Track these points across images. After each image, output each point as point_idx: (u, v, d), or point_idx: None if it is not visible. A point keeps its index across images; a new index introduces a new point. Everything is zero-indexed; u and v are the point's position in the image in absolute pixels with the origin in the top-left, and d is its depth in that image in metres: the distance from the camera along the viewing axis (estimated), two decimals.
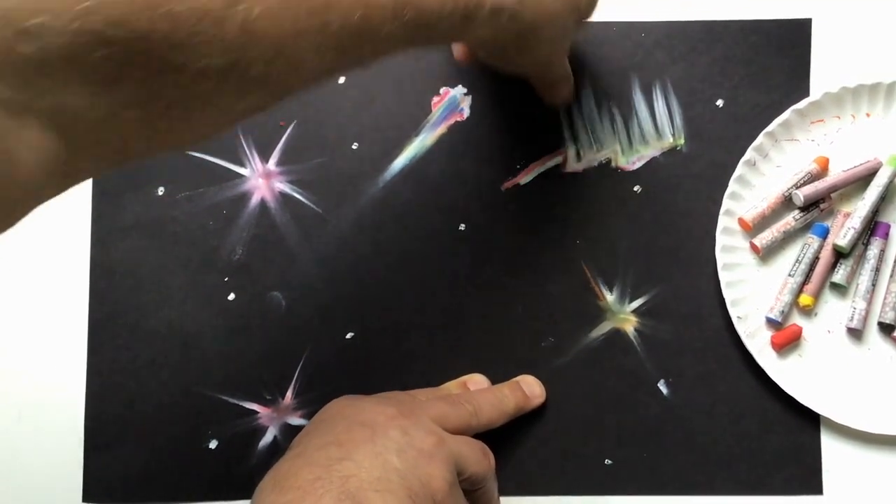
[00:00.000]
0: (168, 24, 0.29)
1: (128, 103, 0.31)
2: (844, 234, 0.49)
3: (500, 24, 0.40)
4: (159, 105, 0.31)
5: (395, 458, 0.40)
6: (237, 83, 0.32)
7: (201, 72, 0.31)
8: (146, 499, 0.51)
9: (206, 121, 0.34)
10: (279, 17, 0.32)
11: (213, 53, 0.31)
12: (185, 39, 0.30)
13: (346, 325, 0.52)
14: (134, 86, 0.30)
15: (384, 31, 0.35)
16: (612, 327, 0.51)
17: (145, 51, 0.29)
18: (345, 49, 0.35)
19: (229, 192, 0.52)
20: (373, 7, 0.35)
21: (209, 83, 0.31)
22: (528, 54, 0.44)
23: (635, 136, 0.52)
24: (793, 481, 0.50)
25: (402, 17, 0.36)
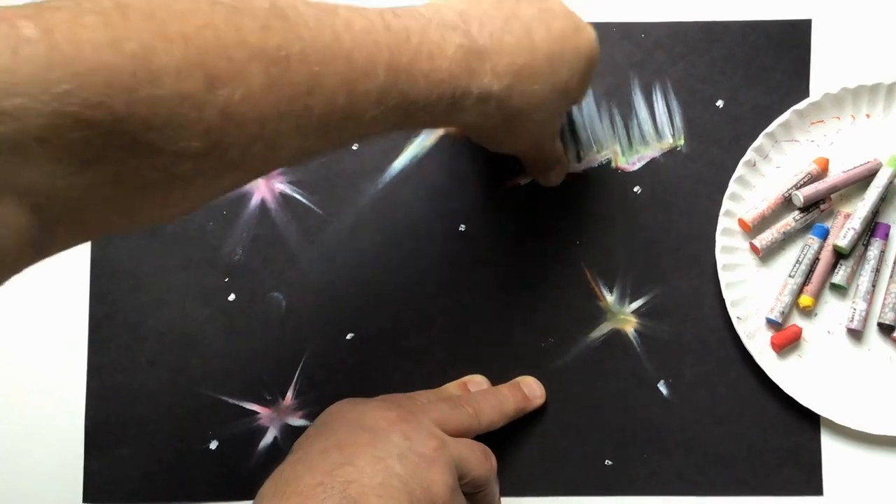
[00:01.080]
0: (147, 108, 0.29)
1: (104, 183, 0.30)
2: (844, 234, 0.49)
3: (487, 111, 0.40)
4: (136, 185, 0.31)
5: (397, 464, 0.40)
6: (215, 165, 0.32)
7: (179, 154, 0.31)
8: (146, 499, 0.51)
9: (182, 200, 0.34)
10: (260, 101, 0.32)
11: (191, 137, 0.30)
12: (164, 123, 0.30)
13: (347, 325, 0.52)
14: (111, 166, 0.30)
15: (368, 116, 0.35)
16: (612, 328, 0.51)
17: (123, 133, 0.29)
18: (327, 132, 0.35)
19: (229, 193, 0.52)
20: (357, 93, 0.34)
21: (187, 165, 0.31)
22: (516, 139, 0.44)
23: (635, 137, 0.52)
24: (793, 481, 0.50)
25: (386, 103, 0.35)
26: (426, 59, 0.36)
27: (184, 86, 0.30)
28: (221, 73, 0.30)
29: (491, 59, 0.38)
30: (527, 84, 0.40)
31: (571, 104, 0.46)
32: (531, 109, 0.41)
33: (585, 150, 0.52)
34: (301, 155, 0.36)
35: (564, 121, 0.51)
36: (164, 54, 0.29)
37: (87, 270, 0.52)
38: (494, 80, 0.39)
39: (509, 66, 0.39)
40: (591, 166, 0.52)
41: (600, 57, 0.43)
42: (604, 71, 0.52)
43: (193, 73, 0.30)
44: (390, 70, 0.35)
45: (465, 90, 0.38)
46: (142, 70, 0.29)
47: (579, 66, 0.42)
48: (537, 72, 0.40)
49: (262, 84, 0.31)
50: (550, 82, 0.40)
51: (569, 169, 0.52)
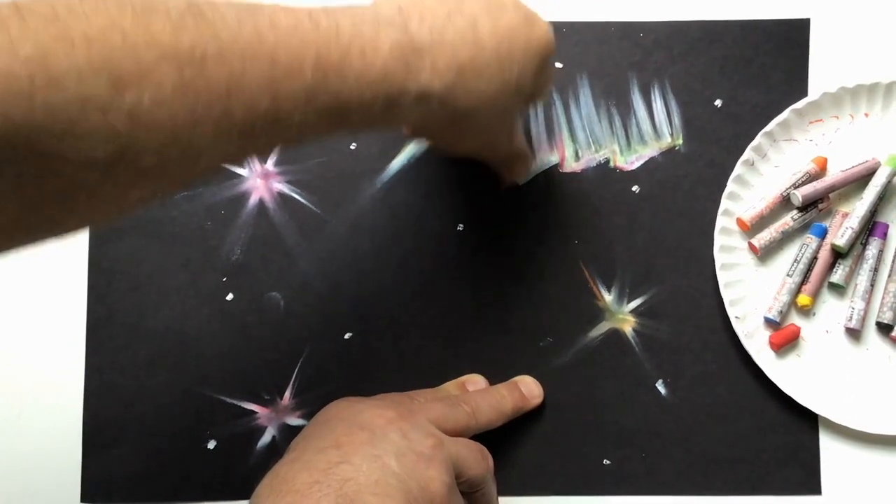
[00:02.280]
0: (46, 115, 0.28)
1: (6, 194, 0.29)
2: (843, 233, 0.49)
3: (429, 111, 0.37)
4: (41, 195, 0.30)
5: (394, 462, 0.40)
6: (126, 174, 0.30)
7: (85, 162, 0.29)
8: (144, 499, 0.51)
9: (93, 211, 0.32)
10: (173, 105, 0.30)
11: (97, 143, 0.29)
12: (65, 129, 0.28)
13: (345, 325, 0.52)
14: (12, 176, 0.28)
15: (296, 119, 0.33)
16: (610, 327, 0.51)
17: (23, 142, 0.28)
18: (252, 136, 0.33)
19: (228, 193, 0.52)
20: (282, 95, 0.32)
21: (94, 174, 0.30)
22: (467, 140, 0.42)
23: (634, 136, 0.52)
24: (791, 481, 0.50)
25: (315, 105, 0.34)
26: (358, 57, 0.34)
27: (86, 89, 0.28)
28: (128, 75, 0.29)
29: (431, 54, 0.36)
30: (472, 81, 0.37)
31: (529, 101, 0.43)
32: (479, 108, 0.38)
33: (584, 150, 0.52)
34: (224, 160, 0.34)
35: (525, 119, 0.48)
36: (64, 57, 0.28)
37: (86, 270, 0.52)
38: (435, 78, 0.36)
39: (451, 63, 0.36)
40: (590, 166, 0.52)
41: (600, 55, 0.41)
42: (603, 70, 0.52)
43: (97, 75, 0.28)
44: (318, 69, 0.33)
45: (402, 89, 0.36)
46: (40, 74, 0.27)
47: (531, 62, 0.39)
48: (483, 68, 0.37)
49: (174, 86, 0.30)
50: (499, 79, 0.38)
51: (533, 164, 0.49)
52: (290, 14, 0.34)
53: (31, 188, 0.29)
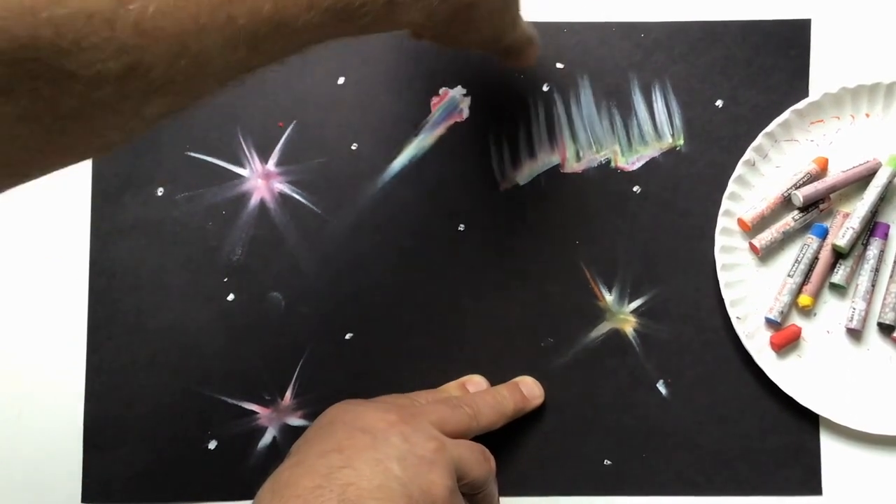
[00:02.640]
0: (52, 30, 0.27)
1: (22, 116, 0.29)
2: (843, 234, 0.49)
3: (429, 7, 0.37)
4: (56, 116, 0.29)
5: (396, 466, 0.40)
6: (139, 87, 0.30)
7: (96, 78, 0.29)
8: (145, 499, 0.51)
9: (110, 129, 0.32)
10: (177, 13, 0.30)
11: (106, 57, 0.28)
12: (73, 44, 0.28)
13: (346, 325, 0.52)
14: (25, 98, 0.28)
15: (300, 23, 0.33)
16: (611, 328, 0.51)
17: (32, 59, 0.27)
18: (257, 44, 0.33)
19: (229, 193, 0.52)
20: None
21: (107, 89, 0.29)
22: (472, 33, 0.41)
23: (634, 137, 0.52)
24: (792, 481, 0.50)
25: (319, 6, 0.33)
26: None
27: (90, 3, 0.28)
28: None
29: None
30: None
31: None
32: None
33: (585, 150, 0.52)
34: (232, 72, 0.34)
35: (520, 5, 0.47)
36: None
37: (87, 270, 0.52)
38: None
39: None
40: (591, 166, 0.52)
41: (600, 55, 0.40)
42: (603, 71, 0.52)
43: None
44: None
45: None
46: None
47: None
48: None
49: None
50: None
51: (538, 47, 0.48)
52: None
53: (47, 109, 0.29)
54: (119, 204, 0.53)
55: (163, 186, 0.53)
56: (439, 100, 0.53)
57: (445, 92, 0.53)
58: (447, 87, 0.53)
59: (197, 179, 0.53)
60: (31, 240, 0.53)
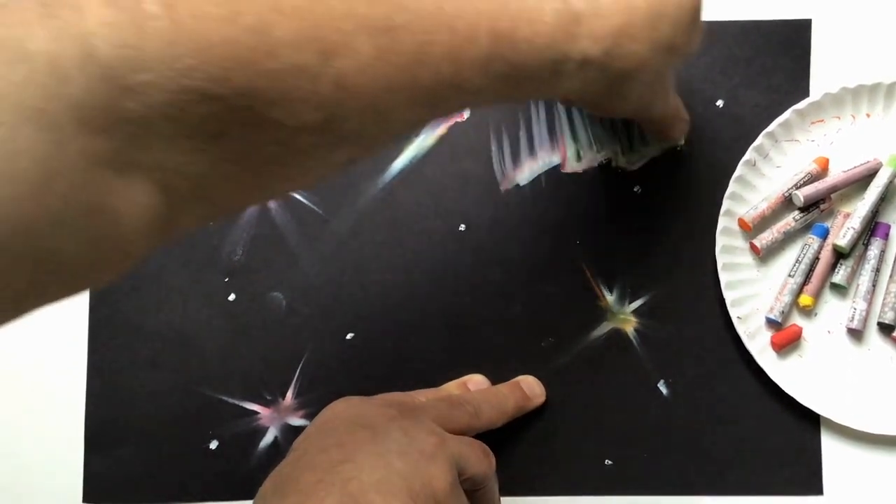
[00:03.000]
0: (266, 81, 0.30)
1: (228, 158, 0.31)
2: (844, 234, 0.49)
3: (589, 76, 0.39)
4: (257, 160, 0.32)
5: (397, 460, 0.40)
6: (332, 138, 0.33)
7: (298, 127, 0.31)
8: (146, 499, 0.51)
9: (300, 174, 0.34)
10: (372, 72, 0.32)
11: (309, 109, 0.31)
12: (282, 95, 0.30)
13: (347, 325, 0.52)
14: (234, 141, 0.31)
15: (474, 86, 0.35)
16: (612, 327, 0.51)
17: (245, 107, 0.30)
18: (435, 102, 0.35)
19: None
20: (462, 62, 0.34)
21: (306, 138, 0.32)
22: (624, 102, 0.43)
23: (635, 137, 0.52)
24: (793, 481, 0.50)
25: (491, 71, 0.35)
26: (526, 25, 0.36)
27: (299, 58, 0.30)
28: (333, 44, 0.31)
29: (588, 22, 0.37)
30: (627, 46, 0.38)
31: (682, 60, 0.43)
32: (634, 71, 0.39)
33: (585, 150, 0.52)
34: (409, 127, 0.36)
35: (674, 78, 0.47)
36: (279, 28, 0.30)
37: None
38: (594, 44, 0.37)
39: (607, 29, 0.38)
40: (591, 166, 0.52)
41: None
42: None
43: (308, 45, 0.30)
44: (492, 37, 0.35)
45: (566, 55, 0.37)
46: (260, 43, 0.29)
47: (683, 21, 0.40)
48: (637, 32, 0.38)
49: (371, 55, 0.32)
50: (652, 40, 0.39)
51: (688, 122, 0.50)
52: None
53: (252, 153, 0.31)
54: None
55: None
56: None
57: None
58: None
59: None
60: None
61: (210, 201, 0.33)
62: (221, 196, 0.33)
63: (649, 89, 0.43)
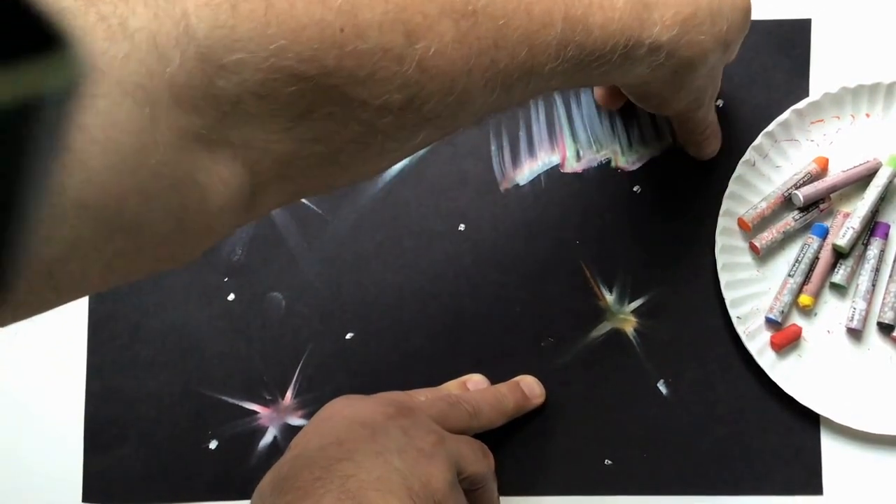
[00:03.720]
0: (354, 62, 0.30)
1: (314, 138, 0.32)
2: (844, 234, 0.49)
3: (657, 62, 0.40)
4: (342, 140, 0.32)
5: (396, 458, 0.40)
6: (413, 119, 0.33)
7: (382, 107, 0.32)
8: (146, 499, 0.51)
9: (381, 156, 0.35)
10: (452, 55, 0.33)
11: (392, 90, 0.32)
12: (368, 76, 0.31)
13: (346, 325, 0.52)
14: (321, 121, 0.31)
15: (547, 69, 0.36)
16: (611, 327, 0.51)
17: (333, 86, 0.30)
18: (510, 86, 0.36)
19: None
20: (537, 45, 0.35)
21: (389, 118, 0.32)
22: (681, 94, 0.44)
23: (635, 137, 0.52)
24: (793, 481, 0.50)
25: (564, 55, 0.36)
26: (598, 10, 0.37)
27: (386, 39, 0.31)
28: (418, 27, 0.32)
29: (658, 9, 0.39)
30: (692, 34, 0.40)
31: (726, 61, 0.45)
32: (696, 61, 0.41)
33: (585, 150, 0.52)
34: (485, 112, 0.37)
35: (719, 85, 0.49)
36: (367, 10, 0.31)
37: None
38: (663, 31, 0.39)
39: (676, 17, 0.39)
40: (591, 166, 0.52)
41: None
42: None
43: (394, 27, 0.31)
44: (566, 21, 0.36)
45: (637, 40, 0.38)
46: (349, 25, 0.30)
47: (736, 19, 0.42)
48: (701, 22, 0.40)
49: (453, 38, 0.33)
50: (713, 33, 0.41)
51: (720, 141, 0.51)
52: None
53: (336, 133, 0.32)
54: None
55: None
56: None
57: None
58: None
59: None
60: None
61: (293, 181, 0.33)
62: (305, 176, 0.33)
63: (703, 85, 0.44)
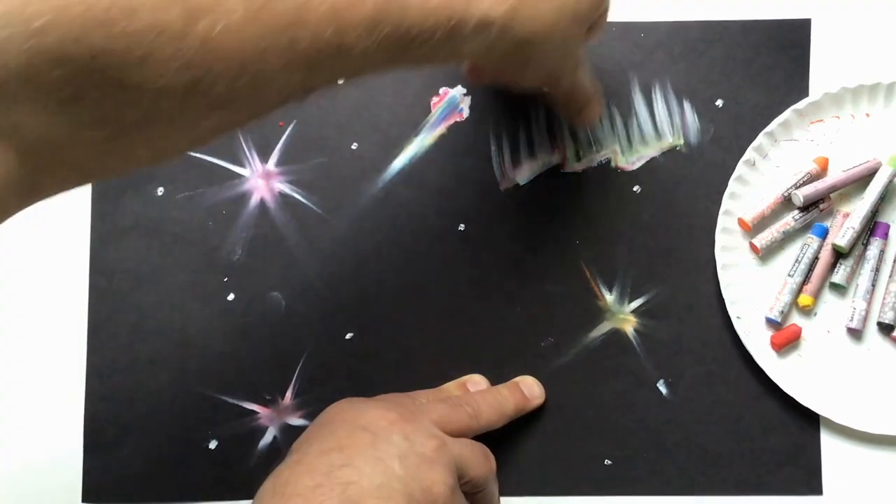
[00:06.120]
0: (124, 43, 0.29)
1: (87, 123, 0.30)
2: (844, 234, 0.49)
3: (489, 41, 0.37)
4: (119, 125, 0.31)
5: (397, 465, 0.40)
6: (200, 102, 0.31)
7: (161, 91, 0.30)
8: (146, 499, 0.51)
9: (169, 140, 0.33)
10: (243, 33, 0.31)
11: (172, 72, 0.30)
12: (142, 57, 0.29)
13: (346, 325, 0.52)
14: (92, 105, 0.29)
15: (358, 49, 0.34)
16: (611, 327, 0.51)
17: (102, 69, 0.29)
18: (315, 67, 0.33)
19: (229, 193, 0.52)
20: (346, 24, 0.33)
21: (170, 102, 0.31)
22: (530, 71, 0.41)
23: (635, 136, 0.52)
24: (793, 481, 0.50)
25: (378, 35, 0.34)
26: None
27: (161, 18, 0.29)
28: (200, 4, 0.30)
29: None
30: (529, 8, 0.37)
31: (589, 31, 0.42)
32: (539, 37, 0.38)
33: (585, 150, 0.52)
34: (290, 93, 0.35)
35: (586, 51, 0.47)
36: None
37: (87, 270, 0.52)
38: (494, 5, 0.36)
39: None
40: (591, 166, 0.52)
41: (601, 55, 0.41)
42: (604, 70, 0.52)
43: (171, 4, 0.29)
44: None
45: (463, 17, 0.35)
46: (117, 4, 0.28)
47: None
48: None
49: (243, 15, 0.30)
50: (557, 5, 0.38)
51: (601, 105, 0.50)
52: None
53: (112, 118, 0.30)
54: (119, 204, 0.52)
55: (163, 186, 0.53)
56: (439, 99, 0.53)
57: (445, 91, 0.53)
58: (447, 86, 0.53)
59: (197, 179, 0.53)
60: (32, 240, 0.53)
61: (72, 166, 0.32)
62: (83, 161, 0.32)
63: (556, 60, 0.41)
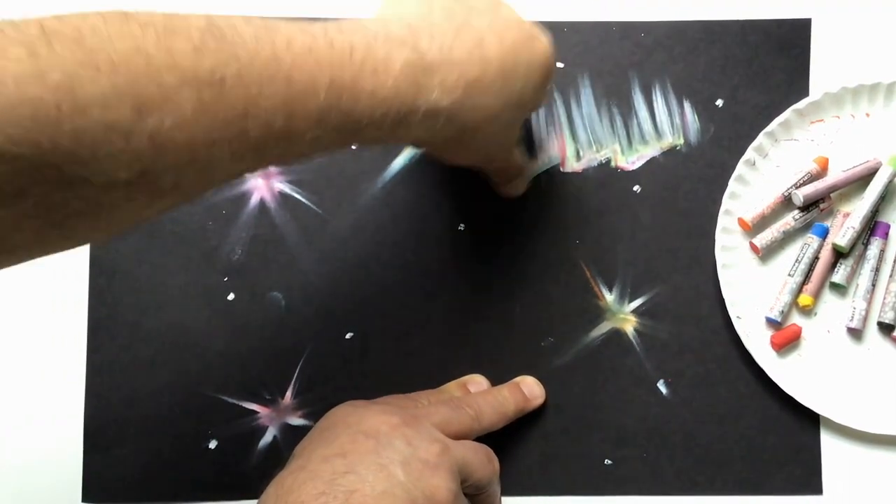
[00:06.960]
0: (72, 140, 0.28)
1: (30, 215, 0.30)
2: (844, 233, 0.49)
3: (435, 127, 0.38)
4: (62, 215, 0.30)
5: (400, 471, 0.40)
6: (145, 192, 0.31)
7: (107, 184, 0.30)
8: (145, 499, 0.51)
9: (112, 225, 0.33)
10: (192, 127, 0.30)
11: (119, 167, 0.29)
12: (90, 155, 0.29)
13: (346, 325, 0.52)
14: (36, 198, 0.29)
15: (308, 137, 0.34)
16: (611, 327, 0.51)
17: (49, 166, 0.28)
18: (265, 152, 0.34)
19: (228, 192, 0.52)
20: (296, 114, 0.33)
21: (116, 194, 0.30)
22: (468, 152, 0.43)
23: (635, 136, 0.52)
24: (792, 481, 0.50)
25: (328, 123, 0.34)
26: (370, 77, 0.35)
27: (111, 115, 0.29)
28: (151, 99, 0.29)
29: (440, 73, 0.37)
30: (477, 98, 0.38)
31: (527, 113, 0.44)
32: (482, 123, 0.39)
33: (585, 150, 0.52)
34: (234, 177, 0.35)
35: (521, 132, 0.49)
36: (90, 83, 0.28)
37: (87, 270, 0.52)
38: (443, 95, 0.37)
39: (459, 80, 0.37)
40: (591, 165, 0.52)
41: (601, 55, 0.42)
42: (604, 70, 0.52)
43: (121, 101, 0.29)
44: (332, 89, 0.34)
45: (412, 107, 0.36)
46: (66, 101, 0.28)
47: (533, 78, 0.40)
48: (489, 85, 0.38)
49: (194, 109, 0.30)
50: (503, 95, 0.39)
51: (529, 177, 0.51)
52: (305, 33, 0.34)
53: (56, 209, 0.30)
54: None
55: None
56: None
57: None
58: None
59: None
60: None
61: (10, 251, 0.31)
62: (23, 246, 0.31)
63: (494, 142, 0.43)
